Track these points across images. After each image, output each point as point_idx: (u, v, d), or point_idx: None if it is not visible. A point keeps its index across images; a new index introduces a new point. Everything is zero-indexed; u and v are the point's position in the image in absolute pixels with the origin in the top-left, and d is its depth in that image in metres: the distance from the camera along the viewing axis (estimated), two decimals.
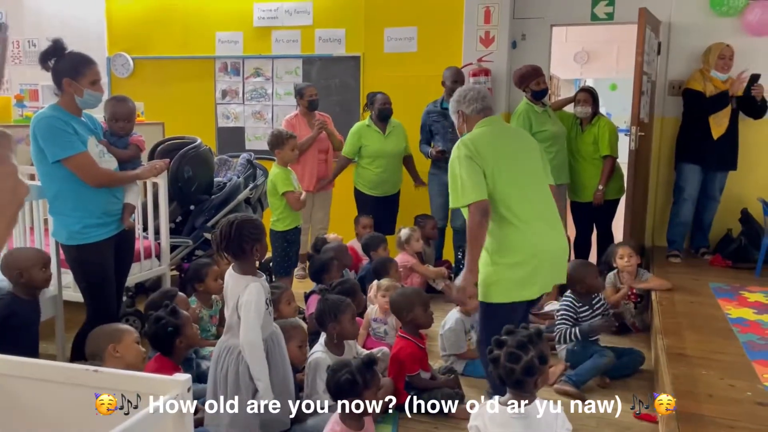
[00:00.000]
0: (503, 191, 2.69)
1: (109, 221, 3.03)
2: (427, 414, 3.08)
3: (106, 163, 3.00)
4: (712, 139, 4.75)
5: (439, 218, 5.31)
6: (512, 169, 2.74)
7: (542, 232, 2.75)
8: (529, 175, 2.81)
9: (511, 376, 2.05)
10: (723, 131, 4.74)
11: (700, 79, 4.84)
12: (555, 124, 4.98)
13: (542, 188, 2.86)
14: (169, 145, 4.36)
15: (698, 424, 2.43)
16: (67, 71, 2.85)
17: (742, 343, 3.28)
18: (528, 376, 2.05)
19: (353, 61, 6.00)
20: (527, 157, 2.86)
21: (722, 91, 4.70)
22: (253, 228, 2.48)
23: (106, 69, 6.74)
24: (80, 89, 2.87)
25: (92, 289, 3.05)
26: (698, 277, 4.47)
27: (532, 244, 2.70)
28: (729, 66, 4.77)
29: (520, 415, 2.04)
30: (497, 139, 2.81)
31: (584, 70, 10.47)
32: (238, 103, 6.46)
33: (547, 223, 2.80)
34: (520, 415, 2.04)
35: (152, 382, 1.58)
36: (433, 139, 5.24)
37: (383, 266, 4.22)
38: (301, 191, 4.27)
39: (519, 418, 2.04)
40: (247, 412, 2.45)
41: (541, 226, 2.75)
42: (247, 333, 2.39)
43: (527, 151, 2.88)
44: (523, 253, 2.70)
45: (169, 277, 4.14)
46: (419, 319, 3.23)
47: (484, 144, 2.73)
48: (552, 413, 2.09)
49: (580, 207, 5.14)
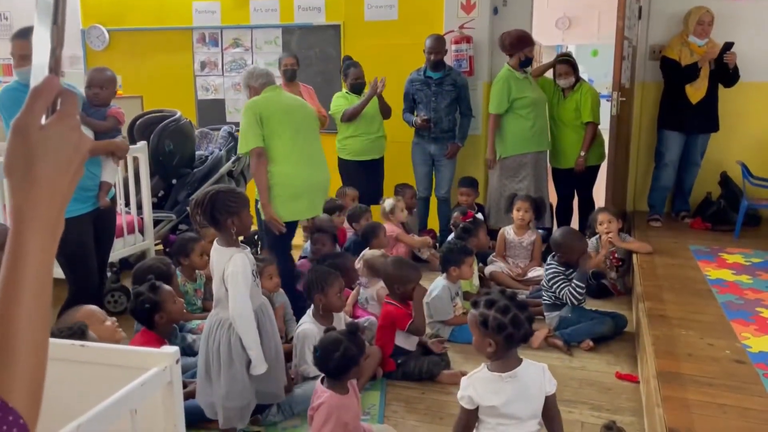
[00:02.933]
0: (278, 139, 3.42)
1: (86, 197, 3.00)
2: (414, 379, 3.13)
3: None
4: (691, 104, 4.78)
5: (423, 188, 5.32)
6: (285, 122, 3.47)
7: (308, 169, 3.54)
8: (299, 125, 3.53)
9: (512, 340, 2.09)
10: (702, 95, 4.77)
11: (677, 45, 4.84)
12: (535, 90, 4.98)
13: (309, 135, 3.60)
14: (149, 118, 4.30)
15: (678, 383, 2.49)
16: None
17: (720, 304, 3.35)
18: (524, 340, 2.14)
19: (333, 30, 5.93)
20: (298, 112, 3.58)
21: (693, 63, 4.71)
22: (230, 200, 2.45)
23: (81, 42, 6.61)
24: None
25: (72, 264, 3.04)
26: (678, 240, 4.54)
27: (302, 179, 3.50)
28: (707, 32, 4.77)
29: (510, 378, 2.08)
30: (276, 102, 3.52)
31: (566, 36, 10.44)
32: (217, 75, 6.37)
33: (312, 163, 3.56)
34: (511, 377, 2.08)
35: (140, 355, 1.59)
36: (417, 107, 5.21)
37: (372, 231, 4.23)
38: None
39: (510, 381, 2.08)
40: (242, 383, 2.47)
41: (306, 165, 3.52)
42: (236, 304, 2.40)
43: (299, 108, 3.62)
44: (295, 186, 3.48)
45: (154, 251, 4.12)
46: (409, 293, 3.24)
47: (266, 105, 3.45)
48: (539, 369, 2.14)
49: (562, 173, 5.17)
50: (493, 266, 4.52)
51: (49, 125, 0.68)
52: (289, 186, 3.47)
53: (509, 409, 2.07)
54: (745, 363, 2.67)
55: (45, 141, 0.67)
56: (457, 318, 3.65)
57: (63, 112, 0.70)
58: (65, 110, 0.70)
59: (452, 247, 3.69)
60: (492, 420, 2.09)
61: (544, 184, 5.10)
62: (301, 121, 3.54)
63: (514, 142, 4.94)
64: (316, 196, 3.62)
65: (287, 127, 3.45)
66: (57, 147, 0.68)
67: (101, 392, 1.39)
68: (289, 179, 3.46)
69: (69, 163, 0.70)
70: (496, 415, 2.08)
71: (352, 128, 5.15)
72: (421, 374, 3.14)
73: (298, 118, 3.53)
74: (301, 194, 3.51)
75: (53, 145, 0.68)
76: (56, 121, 0.69)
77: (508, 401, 2.06)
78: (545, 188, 5.12)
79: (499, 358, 2.13)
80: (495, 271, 4.49)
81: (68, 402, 1.58)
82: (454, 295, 3.68)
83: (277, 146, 3.43)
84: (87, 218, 3.02)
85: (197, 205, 2.43)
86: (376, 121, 5.20)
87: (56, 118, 0.69)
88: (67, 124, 0.69)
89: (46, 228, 0.68)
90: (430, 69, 5.08)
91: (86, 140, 0.71)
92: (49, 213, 0.68)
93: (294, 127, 3.48)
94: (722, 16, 4.87)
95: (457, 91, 5.07)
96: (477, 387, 2.10)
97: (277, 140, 3.42)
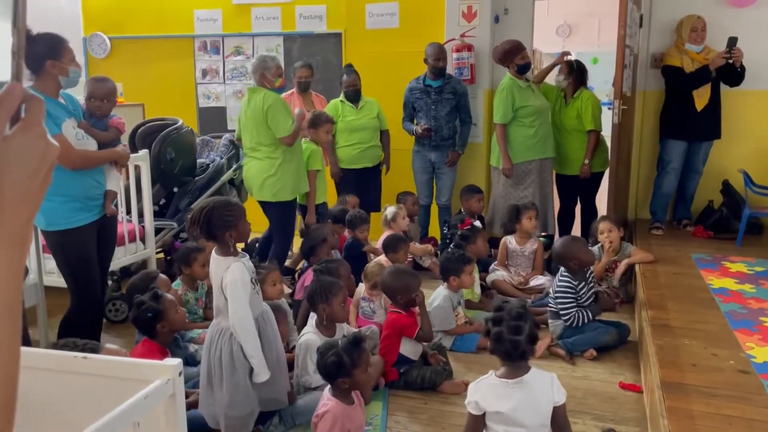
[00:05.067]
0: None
1: (92, 206, 2.99)
2: (416, 389, 3.12)
3: (83, 145, 2.95)
4: (696, 111, 4.78)
5: (423, 195, 5.32)
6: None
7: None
8: (247, 125, 4.15)
9: (518, 348, 2.10)
10: (706, 101, 4.77)
11: (677, 53, 4.85)
12: (538, 98, 4.98)
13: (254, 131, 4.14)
14: (150, 126, 4.30)
15: (683, 393, 2.48)
16: (48, 53, 2.81)
17: (724, 313, 3.33)
18: (532, 344, 2.12)
19: (335, 38, 5.94)
20: (251, 114, 4.11)
21: (703, 66, 4.71)
22: (226, 213, 2.43)
23: (83, 50, 6.62)
24: (65, 69, 2.86)
25: (76, 274, 3.03)
26: (681, 249, 4.53)
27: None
28: (702, 37, 4.78)
29: (518, 385, 2.09)
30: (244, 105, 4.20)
31: (566, 43, 10.45)
32: (218, 83, 6.38)
33: (254, 154, 4.15)
34: (517, 384, 2.09)
35: (143, 367, 1.57)
36: (417, 115, 5.22)
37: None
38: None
39: (518, 387, 2.09)
40: (245, 391, 2.46)
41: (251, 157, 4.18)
42: (236, 312, 2.39)
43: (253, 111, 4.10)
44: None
45: (155, 260, 4.11)
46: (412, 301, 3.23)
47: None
48: (547, 379, 2.14)
49: (566, 180, 5.17)
50: (495, 275, 4.51)
51: (13, 135, 0.65)
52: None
53: (516, 415, 2.07)
54: (749, 373, 2.66)
55: (9, 152, 0.64)
56: (460, 327, 3.64)
57: (28, 120, 0.67)
58: (30, 118, 0.67)
59: (450, 256, 3.67)
60: (499, 427, 2.09)
61: (550, 191, 5.10)
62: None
63: (518, 150, 4.93)
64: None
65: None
66: (23, 157, 0.65)
67: (104, 405, 1.38)
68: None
69: (36, 173, 0.67)
70: (503, 422, 2.09)
71: (347, 137, 5.15)
72: (423, 384, 3.12)
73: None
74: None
75: (19, 156, 0.65)
76: (21, 130, 0.66)
77: (514, 408, 2.07)
78: (551, 195, 5.12)
79: (504, 365, 2.13)
80: (497, 279, 4.47)
81: (71, 414, 1.57)
82: (455, 304, 3.66)
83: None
84: (91, 228, 3.01)
85: (194, 222, 2.41)
86: (371, 132, 5.19)
87: (21, 128, 0.66)
88: (32, 132, 0.66)
89: (13, 241, 0.65)
90: (431, 77, 5.08)
91: (53, 149, 0.68)
92: (15, 225, 0.65)
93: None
94: (724, 25, 4.89)
95: (457, 99, 5.07)
96: (484, 392, 2.11)
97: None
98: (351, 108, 5.14)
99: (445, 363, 3.27)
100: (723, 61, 4.62)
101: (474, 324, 3.72)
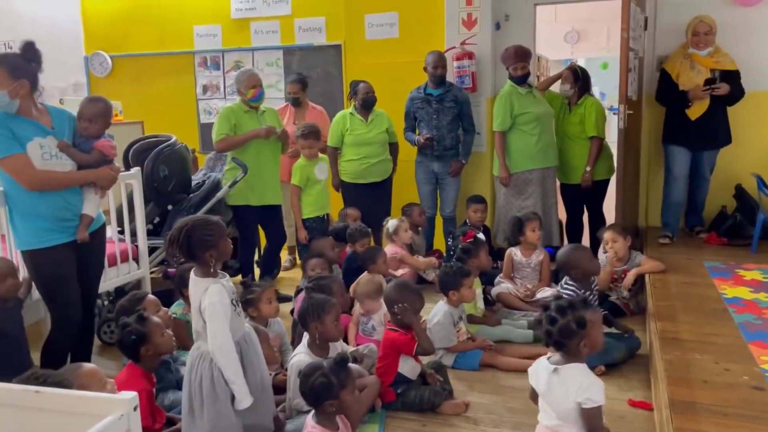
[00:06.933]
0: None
1: (64, 227, 2.90)
2: (414, 410, 2.99)
3: (52, 165, 2.84)
4: (690, 120, 4.60)
5: (427, 207, 5.20)
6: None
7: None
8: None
9: (550, 337, 2.20)
10: (703, 110, 4.57)
11: (678, 58, 4.69)
12: (540, 105, 4.87)
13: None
14: (144, 144, 4.23)
15: (691, 412, 2.33)
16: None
17: (737, 324, 3.17)
18: (564, 338, 2.17)
19: (334, 49, 5.87)
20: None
21: (685, 92, 4.57)
22: (206, 233, 2.33)
23: (84, 68, 6.61)
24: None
25: (50, 295, 2.94)
26: (693, 256, 4.37)
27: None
28: (706, 41, 4.57)
29: (554, 372, 2.18)
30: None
31: (575, 49, 10.35)
32: (219, 98, 6.33)
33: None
34: (555, 372, 2.17)
35: (95, 402, 1.48)
36: (418, 125, 5.12)
37: (370, 256, 4.10)
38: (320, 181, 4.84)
39: (554, 374, 2.18)
40: (227, 418, 2.35)
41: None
42: (215, 336, 2.28)
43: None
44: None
45: (149, 280, 4.03)
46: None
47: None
48: (579, 379, 2.15)
49: (570, 189, 5.03)
50: (500, 287, 4.37)
51: None
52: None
53: (547, 399, 2.21)
54: (764, 389, 2.50)
55: None
56: (462, 344, 3.50)
57: None
58: None
59: (449, 270, 3.53)
60: (541, 402, 2.27)
61: (553, 202, 4.96)
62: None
63: (518, 158, 4.82)
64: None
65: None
66: None
67: None
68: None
69: None
70: (543, 399, 2.25)
71: (354, 152, 5.04)
72: (422, 405, 2.99)
73: None
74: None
75: None
76: None
77: (547, 391, 2.20)
78: (554, 206, 4.97)
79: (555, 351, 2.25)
80: (502, 292, 4.33)
81: None
82: (457, 319, 3.53)
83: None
84: (64, 248, 2.91)
85: (172, 243, 2.31)
86: (380, 147, 5.08)
87: None
88: None
89: None
90: (431, 86, 4.99)
91: None
92: None
93: None
94: (732, 24, 4.75)
95: (459, 108, 4.97)
96: (534, 368, 2.28)
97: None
98: (360, 121, 5.03)
99: (443, 382, 3.13)
100: (704, 95, 4.49)
101: (477, 340, 3.58)
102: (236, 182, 4.30)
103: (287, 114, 5.34)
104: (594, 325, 2.18)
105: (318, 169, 4.80)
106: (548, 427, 2.23)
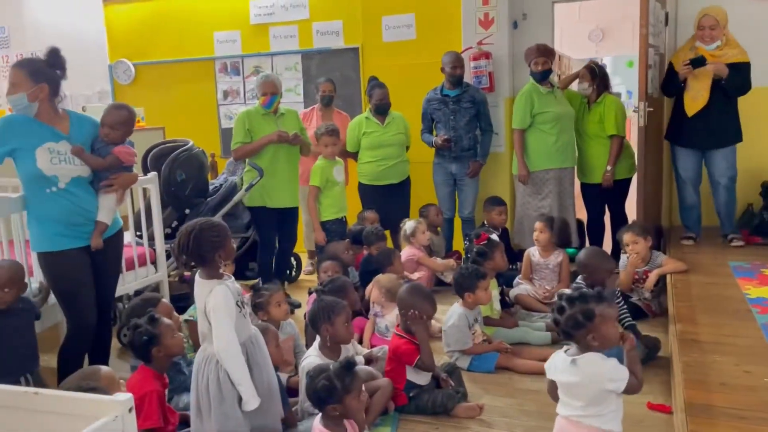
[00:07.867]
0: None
1: (78, 232, 2.94)
2: (428, 414, 2.96)
3: (63, 168, 2.87)
4: (687, 117, 4.46)
5: (446, 208, 5.17)
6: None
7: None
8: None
9: (558, 325, 2.21)
10: (701, 106, 4.39)
11: (684, 51, 4.56)
12: (561, 105, 4.80)
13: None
14: (162, 149, 4.28)
15: (706, 415, 2.27)
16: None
17: (761, 325, 3.08)
18: (571, 328, 2.16)
19: (352, 52, 5.88)
20: None
21: (676, 74, 4.46)
22: (213, 234, 2.35)
23: (109, 77, 6.73)
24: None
25: (64, 298, 2.98)
26: (717, 256, 4.26)
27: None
28: (711, 36, 4.40)
29: (572, 363, 2.16)
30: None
31: (599, 48, 10.19)
32: (240, 103, 6.38)
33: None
34: (572, 362, 2.16)
35: (92, 403, 1.49)
36: (435, 127, 5.09)
37: (386, 258, 4.10)
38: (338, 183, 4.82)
39: (572, 365, 2.16)
40: (235, 420, 2.36)
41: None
42: (221, 338, 2.29)
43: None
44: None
45: (167, 284, 4.07)
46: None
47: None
48: (602, 367, 2.13)
49: (590, 188, 4.94)
50: (518, 289, 4.32)
51: None
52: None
53: (567, 389, 2.20)
54: None
55: None
56: (477, 347, 3.46)
57: None
58: None
59: (464, 272, 3.50)
60: (561, 393, 2.24)
61: (570, 203, 4.87)
62: None
63: (536, 157, 4.76)
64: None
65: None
66: None
67: None
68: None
69: None
70: (562, 390, 2.23)
71: (371, 154, 5.03)
72: (435, 408, 2.96)
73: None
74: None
75: None
76: None
77: (567, 382, 2.18)
78: (571, 206, 4.89)
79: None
80: (520, 294, 4.28)
81: None
82: (472, 322, 3.49)
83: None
84: (78, 252, 2.95)
85: (182, 248, 2.33)
86: (397, 148, 5.07)
87: None
88: None
89: None
90: (448, 86, 4.96)
91: None
92: None
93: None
94: (748, 17, 4.63)
95: (476, 108, 4.93)
96: (552, 360, 2.26)
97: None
98: (377, 124, 5.04)
99: (457, 385, 3.09)
100: (686, 70, 4.35)
101: (493, 342, 3.54)
102: (252, 185, 4.32)
103: (313, 117, 5.35)
104: (605, 320, 2.13)
105: (336, 171, 4.80)
106: (568, 417, 2.20)
